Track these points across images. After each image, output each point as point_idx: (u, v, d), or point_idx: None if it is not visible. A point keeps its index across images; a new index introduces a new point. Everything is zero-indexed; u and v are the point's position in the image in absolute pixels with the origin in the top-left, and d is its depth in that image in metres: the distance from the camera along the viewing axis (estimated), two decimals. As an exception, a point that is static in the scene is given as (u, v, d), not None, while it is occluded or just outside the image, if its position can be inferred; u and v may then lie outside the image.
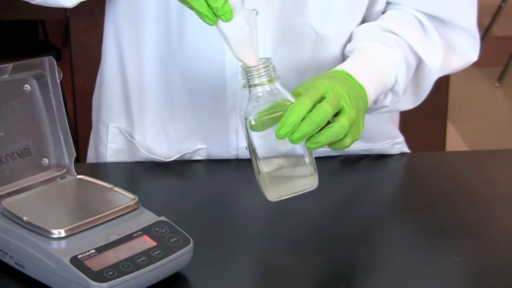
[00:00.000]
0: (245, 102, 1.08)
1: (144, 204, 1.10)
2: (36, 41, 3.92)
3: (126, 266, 1.00)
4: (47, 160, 1.16)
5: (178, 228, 1.06)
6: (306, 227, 1.20)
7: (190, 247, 1.05)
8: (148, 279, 1.01)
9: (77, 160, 1.18)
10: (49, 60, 1.13)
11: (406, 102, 1.34)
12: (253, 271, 1.12)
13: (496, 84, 4.36)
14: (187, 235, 1.06)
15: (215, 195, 1.30)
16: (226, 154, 1.38)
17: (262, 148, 1.08)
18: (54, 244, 1.02)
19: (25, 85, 1.13)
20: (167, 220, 1.08)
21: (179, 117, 1.37)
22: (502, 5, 4.73)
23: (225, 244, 1.14)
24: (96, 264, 0.99)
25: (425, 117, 2.69)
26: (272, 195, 1.10)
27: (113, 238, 1.03)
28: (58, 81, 1.13)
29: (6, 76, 1.09)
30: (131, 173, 1.38)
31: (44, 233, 1.02)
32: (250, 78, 1.07)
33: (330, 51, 1.32)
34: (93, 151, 1.48)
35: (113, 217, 1.06)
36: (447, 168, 1.41)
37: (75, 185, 1.15)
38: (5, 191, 1.10)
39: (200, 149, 1.38)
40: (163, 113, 1.37)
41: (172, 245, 1.04)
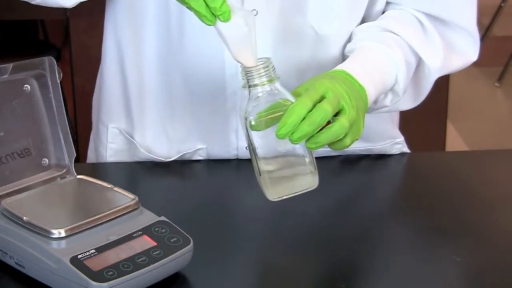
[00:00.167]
0: (245, 102, 1.08)
1: (144, 204, 1.10)
2: (36, 41, 3.92)
3: (126, 266, 1.00)
4: (47, 160, 1.16)
5: (178, 228, 1.06)
6: (306, 227, 1.20)
7: (190, 247, 1.05)
8: (148, 279, 1.01)
9: (77, 160, 1.18)
10: (49, 60, 1.13)
11: (406, 102, 1.34)
12: (253, 271, 1.12)
13: (496, 84, 4.36)
14: (187, 235, 1.06)
15: (215, 195, 1.30)
16: (226, 154, 1.38)
17: (262, 148, 1.08)
18: (54, 244, 1.02)
19: (25, 85, 1.13)
20: (167, 220, 1.08)
21: (179, 117, 1.37)
22: (502, 5, 4.73)
23: (225, 244, 1.14)
24: (96, 264, 0.99)
25: (425, 117, 2.69)
26: (273, 195, 1.10)
27: (113, 238, 1.03)
28: (58, 81, 1.13)
29: (6, 76, 1.09)
30: (131, 173, 1.38)
31: (44, 233, 1.02)
32: (250, 78, 1.07)
33: (330, 51, 1.32)
34: (93, 151, 1.48)
35: (113, 217, 1.06)
36: (447, 168, 1.41)
37: (75, 185, 1.15)
38: (5, 191, 1.10)
39: (200, 149, 1.38)
40: (163, 113, 1.37)
41: (172, 245, 1.04)
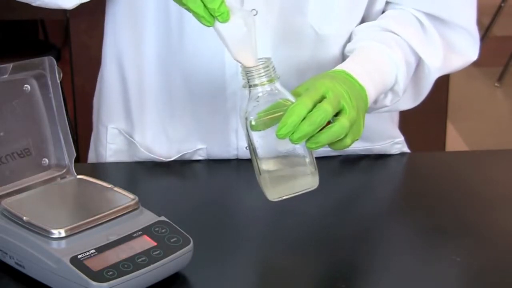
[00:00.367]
0: (245, 102, 1.08)
1: (144, 204, 1.10)
2: (36, 41, 3.92)
3: (126, 266, 1.00)
4: (47, 160, 1.16)
5: (178, 228, 1.06)
6: (306, 227, 1.20)
7: (190, 247, 1.05)
8: (148, 279, 1.01)
9: (77, 160, 1.18)
10: (49, 60, 1.13)
11: (406, 102, 1.34)
12: (253, 271, 1.12)
13: (496, 84, 4.36)
14: (187, 235, 1.06)
15: (215, 195, 1.30)
16: (226, 154, 1.38)
17: (263, 148, 1.08)
18: (54, 244, 1.02)
19: (25, 85, 1.13)
20: (167, 220, 1.08)
21: (179, 117, 1.37)
22: (502, 5, 4.73)
23: (225, 244, 1.14)
24: (96, 264, 0.99)
25: (425, 117, 2.69)
26: (273, 195, 1.10)
27: (113, 238, 1.03)
28: (58, 81, 1.13)
29: (6, 76, 1.09)
30: (131, 173, 1.38)
31: (44, 233, 1.02)
32: (250, 78, 1.07)
33: (330, 51, 1.32)
34: (93, 152, 1.48)
35: (113, 217, 1.06)
36: (447, 168, 1.41)
37: (75, 185, 1.15)
38: (5, 191, 1.10)
39: (200, 149, 1.38)
40: (163, 113, 1.37)
41: (172, 245, 1.04)
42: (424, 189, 1.33)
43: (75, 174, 1.16)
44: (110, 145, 1.43)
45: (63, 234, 1.02)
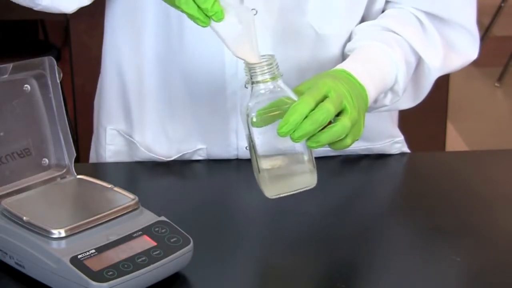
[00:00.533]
0: (247, 99, 1.08)
1: (144, 204, 1.10)
2: (36, 41, 3.92)
3: (126, 266, 1.00)
4: (47, 160, 1.16)
5: (178, 228, 1.06)
6: (306, 227, 1.20)
7: (190, 247, 1.05)
8: (148, 279, 1.01)
9: (77, 160, 1.18)
10: (49, 60, 1.13)
11: (405, 101, 1.34)
12: (253, 271, 1.12)
13: (496, 84, 4.36)
14: (187, 235, 1.06)
15: (215, 195, 1.30)
16: (226, 154, 1.38)
17: (263, 145, 1.08)
18: (54, 244, 1.02)
19: (25, 85, 1.13)
20: (167, 220, 1.08)
21: (179, 117, 1.37)
22: (502, 5, 4.73)
23: (225, 244, 1.14)
24: (96, 264, 0.99)
25: (425, 116, 2.69)
26: (271, 192, 1.10)
27: (113, 238, 1.03)
28: (58, 81, 1.13)
29: (6, 76, 1.09)
30: (131, 173, 1.38)
31: (44, 233, 1.02)
32: (253, 75, 1.07)
33: (330, 50, 1.32)
34: (94, 153, 1.48)
35: (113, 217, 1.06)
36: (447, 168, 1.41)
37: (75, 185, 1.15)
38: (5, 191, 1.10)
39: (200, 149, 1.38)
40: (162, 114, 1.37)
41: (172, 245, 1.04)
42: (424, 189, 1.33)
43: (75, 174, 1.16)
44: (109, 146, 1.42)
45: (63, 234, 1.02)
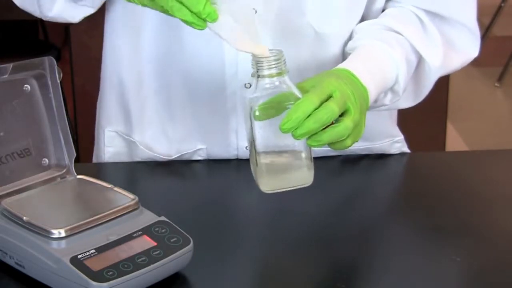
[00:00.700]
0: (251, 91, 1.07)
1: (144, 204, 1.10)
2: (36, 41, 3.92)
3: (126, 266, 1.00)
4: (47, 160, 1.16)
5: (178, 228, 1.06)
6: (306, 227, 1.20)
7: (190, 247, 1.05)
8: (148, 279, 1.01)
9: (77, 160, 1.18)
10: (49, 60, 1.13)
11: (405, 101, 1.34)
12: (253, 271, 1.12)
13: (496, 84, 4.36)
14: (187, 235, 1.06)
15: (215, 195, 1.30)
16: (226, 154, 1.38)
17: (263, 139, 1.08)
18: (54, 244, 1.02)
19: (25, 85, 1.13)
20: (167, 220, 1.07)
21: (179, 118, 1.37)
22: (502, 5, 4.73)
23: (225, 244, 1.14)
24: (96, 264, 0.99)
25: (425, 116, 2.69)
26: (266, 186, 1.10)
27: (113, 238, 1.03)
28: (58, 81, 1.13)
29: (6, 76, 1.09)
30: (131, 173, 1.38)
31: (44, 233, 1.02)
32: (259, 68, 1.07)
33: (330, 50, 1.32)
34: (95, 155, 1.48)
35: (113, 217, 1.06)
36: (447, 168, 1.41)
37: (75, 185, 1.15)
38: (5, 191, 1.10)
39: (200, 149, 1.38)
40: (162, 114, 1.37)
41: (172, 245, 1.04)
42: (424, 189, 1.33)
43: (75, 174, 1.16)
44: (108, 148, 1.42)
45: (63, 234, 1.02)
